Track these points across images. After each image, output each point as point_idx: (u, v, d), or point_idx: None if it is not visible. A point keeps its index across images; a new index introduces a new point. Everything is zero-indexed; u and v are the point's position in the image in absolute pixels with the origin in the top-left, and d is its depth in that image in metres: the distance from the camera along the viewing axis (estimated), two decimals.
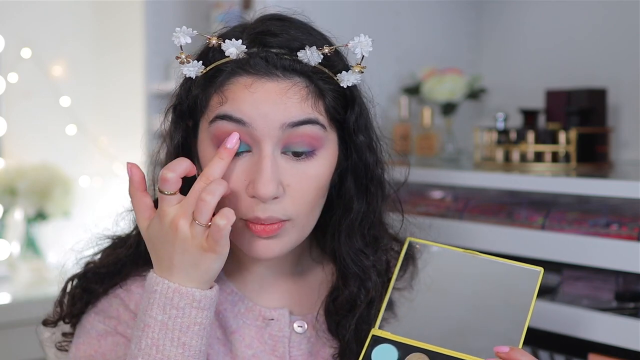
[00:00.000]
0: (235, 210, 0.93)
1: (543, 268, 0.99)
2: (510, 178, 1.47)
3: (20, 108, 2.92)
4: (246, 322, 1.04)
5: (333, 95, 0.97)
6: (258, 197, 0.93)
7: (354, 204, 1.03)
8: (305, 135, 0.94)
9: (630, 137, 1.84)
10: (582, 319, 1.31)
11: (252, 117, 0.93)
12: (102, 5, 3.08)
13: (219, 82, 0.95)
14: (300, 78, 0.94)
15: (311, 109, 0.94)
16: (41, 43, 2.94)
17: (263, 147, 0.93)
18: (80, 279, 1.06)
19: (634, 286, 1.36)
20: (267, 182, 0.92)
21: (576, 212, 1.40)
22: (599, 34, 1.93)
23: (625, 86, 1.84)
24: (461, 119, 2.09)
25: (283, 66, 0.94)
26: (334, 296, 1.05)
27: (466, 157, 1.98)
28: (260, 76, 0.93)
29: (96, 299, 1.05)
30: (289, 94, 0.93)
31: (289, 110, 0.93)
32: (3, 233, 2.86)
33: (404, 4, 2.13)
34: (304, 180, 0.96)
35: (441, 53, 2.17)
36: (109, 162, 3.01)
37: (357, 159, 1.02)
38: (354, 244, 1.03)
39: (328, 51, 0.95)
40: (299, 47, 0.95)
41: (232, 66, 0.95)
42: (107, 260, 1.06)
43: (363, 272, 1.03)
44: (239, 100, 0.93)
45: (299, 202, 0.96)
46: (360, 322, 1.03)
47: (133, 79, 2.80)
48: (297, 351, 1.04)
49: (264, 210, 0.94)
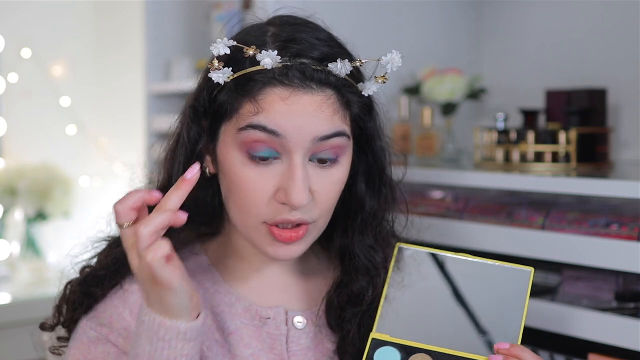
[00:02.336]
0: (261, 214, 0.97)
1: (534, 268, 1.01)
2: (510, 178, 1.47)
3: (20, 108, 2.92)
4: (244, 322, 1.05)
5: (358, 106, 1.00)
6: (291, 205, 0.95)
7: (366, 203, 1.06)
8: (333, 145, 0.98)
9: (630, 137, 1.84)
10: (582, 319, 1.31)
11: (286, 129, 0.95)
12: (102, 5, 3.08)
13: (252, 90, 0.96)
14: (332, 91, 0.97)
15: (340, 122, 0.98)
16: (41, 43, 2.94)
17: (294, 157, 0.96)
18: (80, 284, 1.06)
19: (634, 286, 1.36)
20: (301, 192, 0.95)
21: (576, 212, 1.40)
22: (599, 34, 1.93)
23: (625, 86, 1.84)
24: (461, 119, 2.09)
25: (319, 79, 0.96)
26: (339, 292, 1.07)
27: (466, 157, 1.97)
28: (296, 88, 0.95)
29: (97, 302, 1.04)
30: (322, 108, 0.96)
31: (321, 124, 0.96)
32: (3, 233, 2.86)
33: (405, 4, 2.13)
34: (328, 185, 0.99)
35: (441, 53, 2.17)
36: (109, 162, 3.01)
37: (372, 161, 1.06)
38: (365, 240, 1.07)
39: (359, 64, 0.99)
40: (329, 57, 0.97)
41: (267, 76, 0.96)
42: (105, 261, 1.05)
43: (374, 268, 1.06)
44: (274, 112, 0.95)
45: (323, 206, 0.99)
46: (364, 316, 1.06)
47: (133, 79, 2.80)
48: (297, 346, 1.05)
49: (294, 213, 0.97)
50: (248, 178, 0.97)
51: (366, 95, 1.00)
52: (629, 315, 1.28)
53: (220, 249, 1.10)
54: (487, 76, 2.10)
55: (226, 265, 1.09)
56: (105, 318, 1.03)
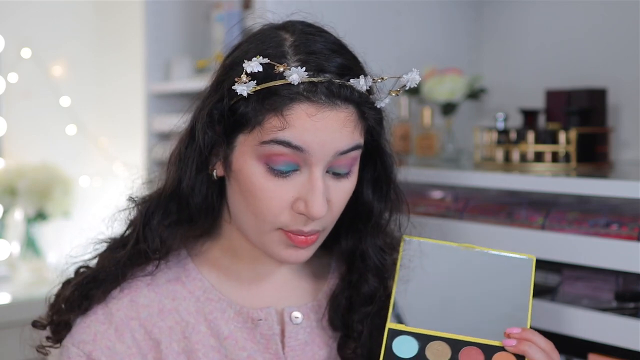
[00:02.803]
0: (276, 221, 0.99)
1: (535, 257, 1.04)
2: (510, 178, 1.47)
3: (20, 108, 2.92)
4: (237, 325, 1.06)
5: (374, 119, 1.02)
6: (310, 216, 0.97)
7: (374, 207, 1.08)
8: (349, 158, 1.00)
9: (630, 137, 1.84)
10: (582, 319, 1.31)
11: (311, 145, 0.96)
12: (103, 5, 3.08)
13: (277, 104, 0.96)
14: (354, 106, 0.99)
15: (359, 136, 1.00)
16: (41, 43, 2.94)
17: (314, 170, 0.97)
18: (79, 285, 1.06)
19: (634, 286, 1.36)
20: (321, 204, 0.97)
21: (576, 212, 1.40)
22: (599, 34, 1.93)
23: (625, 86, 1.84)
24: (461, 119, 2.09)
25: (344, 96, 0.97)
26: (347, 293, 1.10)
27: (466, 157, 1.98)
28: (322, 105, 0.96)
29: (96, 303, 1.05)
30: (346, 124, 0.98)
31: (343, 139, 0.98)
32: (3, 233, 2.86)
33: (405, 4, 2.13)
34: (341, 195, 1.01)
35: (441, 53, 2.17)
36: (109, 162, 3.01)
37: (381, 169, 1.08)
38: (377, 242, 1.10)
39: (380, 80, 1.01)
40: (346, 69, 0.98)
41: (293, 92, 0.96)
42: (108, 265, 1.06)
43: (385, 269, 1.10)
44: (301, 129, 0.95)
45: (335, 214, 1.02)
46: (375, 317, 1.08)
47: (133, 79, 2.80)
48: (295, 342, 1.07)
49: (309, 225, 0.99)
50: (267, 188, 0.98)
51: (379, 107, 1.02)
52: (629, 315, 1.28)
53: (210, 252, 1.10)
54: (487, 76, 2.10)
55: (217, 269, 1.09)
56: (89, 335, 1.03)
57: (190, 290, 1.07)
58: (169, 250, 1.07)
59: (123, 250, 1.06)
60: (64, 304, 1.06)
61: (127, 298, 1.05)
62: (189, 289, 1.07)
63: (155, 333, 1.04)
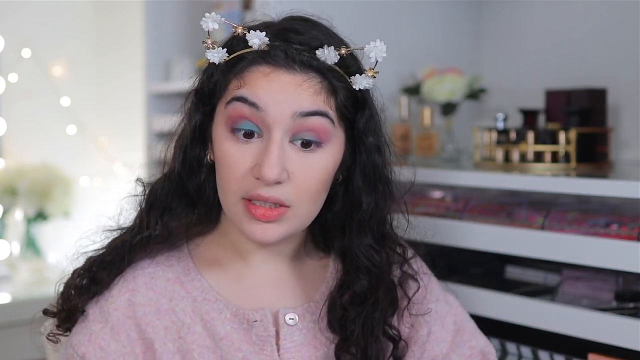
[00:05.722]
0: (239, 189, 0.99)
1: None
2: (510, 178, 1.47)
3: (20, 108, 2.93)
4: (233, 326, 1.06)
5: (345, 95, 1.02)
6: (262, 179, 0.97)
7: (362, 200, 1.07)
8: (314, 126, 0.99)
9: (630, 137, 1.84)
10: (582, 319, 1.31)
11: (266, 103, 0.98)
12: (103, 5, 3.08)
13: (239, 68, 1.00)
14: (316, 74, 1.00)
15: (323, 103, 1.00)
16: (41, 43, 2.95)
17: (273, 133, 0.98)
18: (86, 270, 1.08)
19: (634, 286, 1.36)
20: (272, 166, 0.97)
21: (576, 212, 1.40)
22: (599, 34, 1.93)
23: (625, 86, 1.84)
24: (461, 119, 2.09)
25: (301, 61, 0.99)
26: (341, 292, 1.08)
27: (466, 157, 1.97)
28: (278, 67, 0.99)
29: (103, 288, 1.06)
30: (303, 87, 0.98)
31: (302, 101, 0.98)
32: (3, 233, 2.86)
33: (405, 4, 2.13)
34: (308, 170, 1.00)
35: (441, 53, 2.17)
36: (109, 162, 3.01)
37: (365, 159, 1.07)
38: (364, 239, 1.07)
39: (345, 52, 1.01)
40: (319, 47, 1.00)
41: (253, 55, 1.00)
42: (113, 244, 1.08)
43: (375, 267, 1.07)
44: (255, 86, 0.98)
45: (302, 190, 1.00)
46: (368, 317, 1.06)
47: (133, 79, 2.81)
48: (290, 343, 1.06)
49: (268, 190, 0.99)
50: (229, 154, 1.00)
51: (357, 89, 1.02)
52: (628, 315, 1.28)
53: (211, 248, 1.11)
54: (487, 76, 2.10)
55: (218, 267, 1.10)
56: (85, 335, 1.04)
57: (188, 290, 1.08)
58: (170, 233, 1.09)
59: (130, 234, 1.09)
60: (73, 290, 1.07)
61: (124, 297, 1.06)
62: (187, 289, 1.08)
63: (148, 332, 1.04)
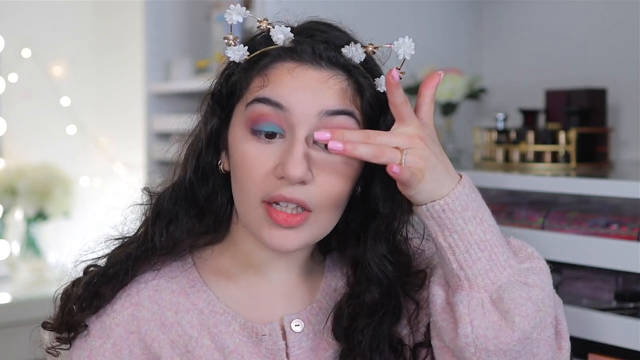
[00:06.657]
0: (259, 191, 0.94)
1: None
2: (510, 178, 1.47)
3: (20, 108, 2.93)
4: (242, 339, 1.02)
5: (371, 94, 0.97)
6: (287, 177, 0.92)
7: (379, 209, 1.01)
8: (340, 126, 0.94)
9: (630, 137, 1.84)
10: (582, 319, 1.31)
11: (290, 102, 0.93)
12: (103, 5, 3.08)
13: (262, 65, 0.96)
14: (342, 71, 0.96)
15: (349, 102, 0.95)
16: (41, 43, 2.95)
17: (297, 132, 0.93)
18: (88, 284, 1.03)
19: (634, 286, 1.36)
20: (297, 163, 0.92)
21: (576, 212, 1.40)
22: (599, 34, 1.93)
23: (625, 86, 1.84)
24: (461, 119, 2.09)
25: (328, 57, 0.95)
26: (350, 302, 1.03)
27: (466, 157, 1.97)
28: (304, 62, 0.95)
29: (106, 302, 1.03)
30: (329, 84, 0.94)
31: (328, 99, 0.94)
32: (3, 233, 2.86)
33: (405, 4, 2.13)
34: (332, 172, 0.95)
35: (441, 53, 2.17)
36: (109, 162, 3.01)
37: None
38: (379, 249, 1.02)
39: (372, 49, 0.97)
40: (344, 45, 0.97)
41: (278, 51, 0.96)
42: (117, 258, 1.04)
43: (387, 279, 1.02)
44: (279, 84, 0.94)
45: (325, 192, 0.95)
46: (376, 328, 1.02)
47: (133, 79, 2.80)
48: (299, 350, 1.03)
49: (291, 191, 0.93)
50: (249, 155, 0.95)
51: (382, 91, 0.97)
52: (628, 315, 1.28)
53: (218, 259, 1.07)
54: (487, 76, 2.10)
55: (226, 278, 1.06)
56: (85, 350, 1.02)
57: (194, 302, 1.04)
58: (176, 245, 1.04)
59: (134, 245, 1.04)
60: (74, 305, 1.03)
61: (127, 312, 1.02)
62: (193, 301, 1.04)
63: (154, 347, 1.01)
